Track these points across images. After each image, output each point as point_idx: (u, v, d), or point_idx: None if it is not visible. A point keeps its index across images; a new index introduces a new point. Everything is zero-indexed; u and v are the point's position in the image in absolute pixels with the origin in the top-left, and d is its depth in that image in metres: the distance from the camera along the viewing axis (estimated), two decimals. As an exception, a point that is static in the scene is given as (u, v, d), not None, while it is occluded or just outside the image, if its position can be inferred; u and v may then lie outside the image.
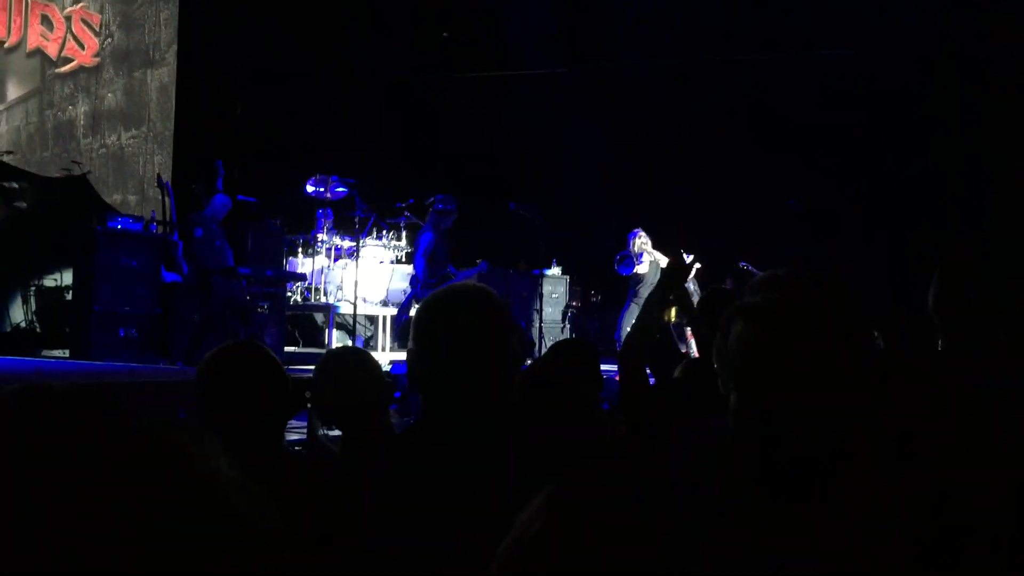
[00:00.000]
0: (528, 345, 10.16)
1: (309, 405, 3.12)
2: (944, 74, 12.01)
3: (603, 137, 13.99)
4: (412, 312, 10.61)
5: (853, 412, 1.35)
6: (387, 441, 2.72)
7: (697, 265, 9.26)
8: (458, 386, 1.83)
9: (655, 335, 3.18)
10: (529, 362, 5.06)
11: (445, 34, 14.35)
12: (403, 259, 11.70)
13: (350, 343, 11.14)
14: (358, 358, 3.22)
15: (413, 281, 9.98)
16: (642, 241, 10.65)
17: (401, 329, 10.23)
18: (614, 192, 13.25)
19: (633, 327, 3.27)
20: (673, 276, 3.18)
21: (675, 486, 2.21)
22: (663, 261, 10.64)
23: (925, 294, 2.47)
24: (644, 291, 10.42)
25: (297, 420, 4.87)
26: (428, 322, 1.90)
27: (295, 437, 5.07)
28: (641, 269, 10.57)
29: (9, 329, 10.51)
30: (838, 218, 12.55)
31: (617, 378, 3.22)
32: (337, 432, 3.78)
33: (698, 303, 3.82)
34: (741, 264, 11.54)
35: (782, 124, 13.17)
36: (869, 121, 12.69)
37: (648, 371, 3.17)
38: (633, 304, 10.39)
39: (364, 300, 10.59)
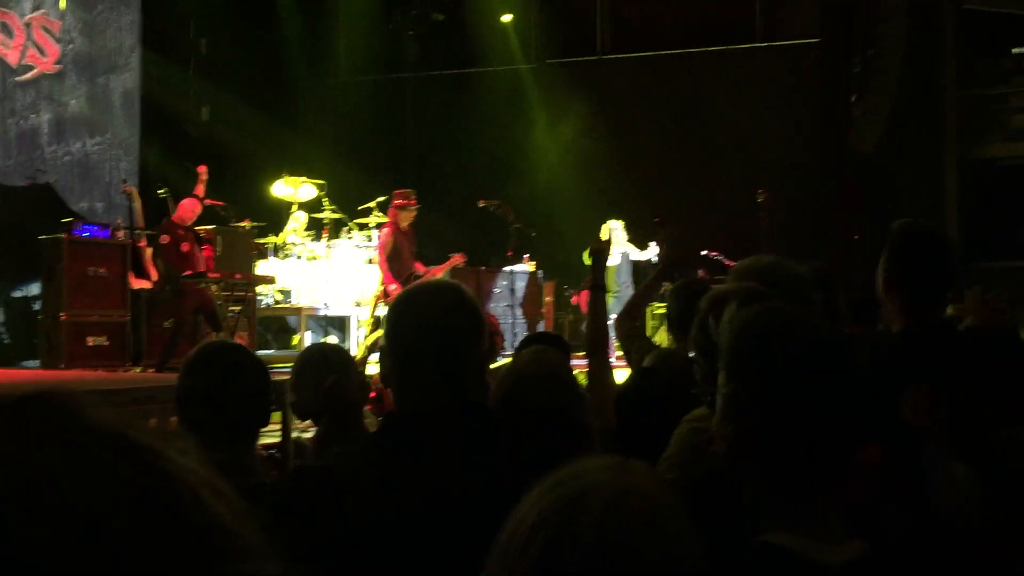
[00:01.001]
0: (501, 341, 10.12)
1: (288, 404, 3.11)
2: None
3: (570, 130, 14.03)
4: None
5: (844, 399, 1.36)
6: (362, 439, 2.73)
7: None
8: (430, 383, 1.83)
9: (605, 317, 3.28)
10: (506, 357, 5.05)
11: (441, 17, 14.25)
12: (374, 260, 11.66)
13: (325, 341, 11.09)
14: (336, 355, 3.23)
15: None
16: (613, 233, 10.67)
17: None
18: (584, 183, 13.30)
19: (592, 318, 3.32)
20: (601, 259, 3.34)
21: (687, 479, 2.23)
22: (633, 253, 10.69)
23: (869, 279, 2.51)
24: (619, 282, 10.46)
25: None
26: (400, 319, 1.90)
27: (268, 441, 5.05)
28: (612, 261, 10.57)
29: (-23, 340, 10.42)
30: (802, 207, 12.65)
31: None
32: (309, 434, 3.77)
33: (671, 294, 3.83)
34: (711, 254, 11.63)
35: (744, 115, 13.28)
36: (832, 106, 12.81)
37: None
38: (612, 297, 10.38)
39: (330, 303, 10.57)
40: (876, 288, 2.53)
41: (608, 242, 3.49)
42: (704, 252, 11.85)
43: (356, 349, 10.88)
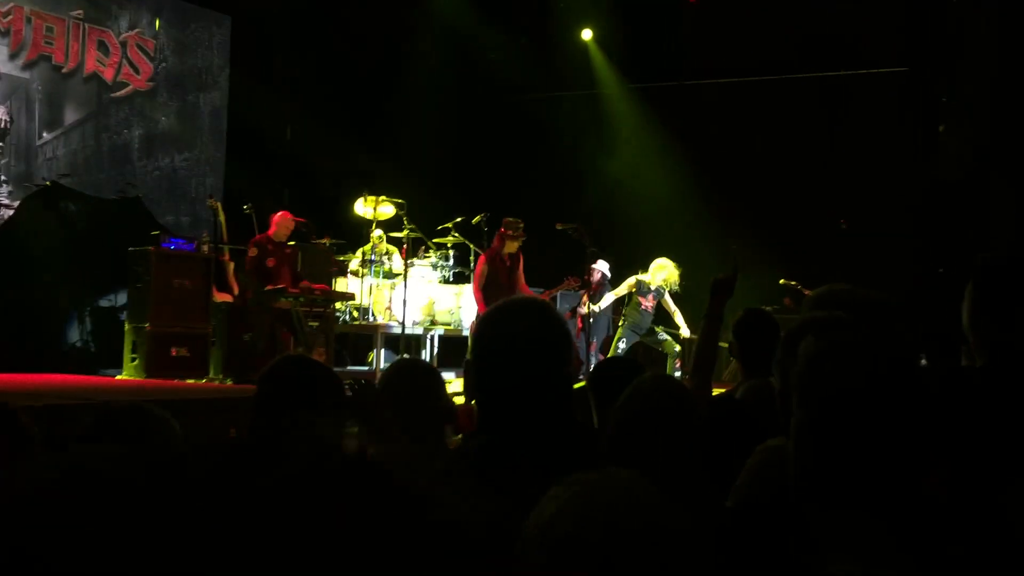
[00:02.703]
0: (579, 363, 10.11)
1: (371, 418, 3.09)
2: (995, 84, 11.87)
3: (649, 155, 13.99)
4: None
5: (914, 430, 1.34)
6: (446, 457, 2.73)
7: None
8: (519, 396, 1.82)
9: (715, 345, 3.38)
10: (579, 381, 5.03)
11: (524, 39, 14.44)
12: (451, 279, 11.76)
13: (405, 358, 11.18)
14: (426, 370, 3.20)
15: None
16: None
17: None
18: (664, 209, 13.24)
19: (702, 346, 3.45)
20: (723, 287, 3.49)
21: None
22: (620, 290, 10.80)
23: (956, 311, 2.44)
24: (628, 318, 10.60)
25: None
26: (486, 334, 1.90)
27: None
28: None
29: (66, 348, 10.72)
30: (883, 236, 12.41)
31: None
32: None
33: (737, 326, 3.91)
34: (791, 283, 11.51)
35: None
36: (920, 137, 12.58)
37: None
38: (628, 330, 10.58)
39: (413, 322, 10.66)
40: (961, 322, 2.47)
41: (735, 276, 3.57)
42: (783, 281, 11.72)
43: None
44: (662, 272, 10.52)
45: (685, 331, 10.69)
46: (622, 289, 10.76)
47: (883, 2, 12.51)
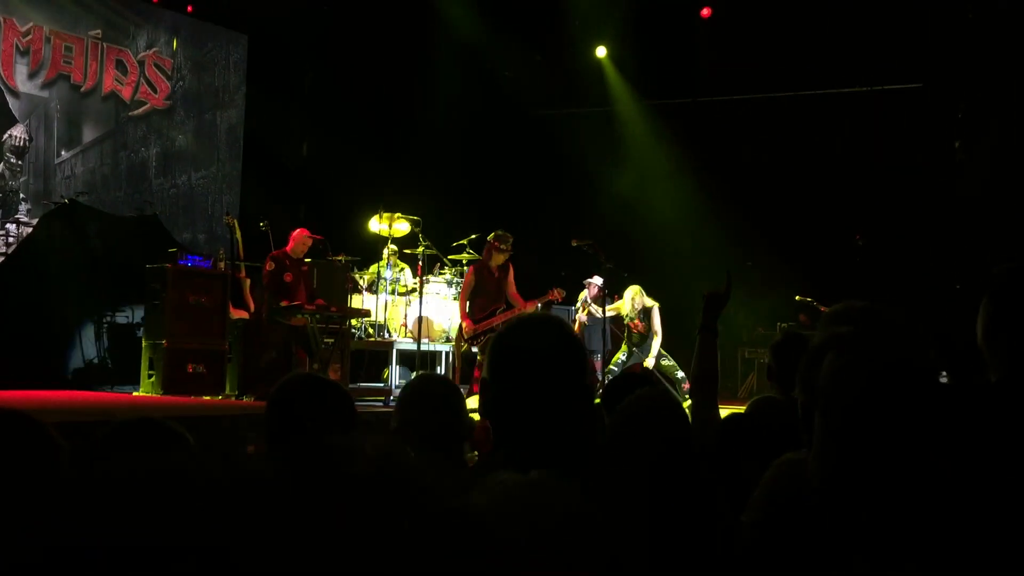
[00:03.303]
0: (596, 381, 10.12)
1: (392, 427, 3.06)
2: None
3: (663, 171, 14.00)
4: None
5: (935, 445, 1.35)
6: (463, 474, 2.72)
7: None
8: (538, 413, 1.82)
9: (716, 360, 3.36)
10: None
11: (539, 58, 14.52)
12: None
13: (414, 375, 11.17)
14: (446, 385, 3.17)
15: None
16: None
17: None
18: (678, 225, 13.24)
19: (698, 359, 3.38)
20: (714, 304, 3.42)
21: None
22: (596, 311, 10.86)
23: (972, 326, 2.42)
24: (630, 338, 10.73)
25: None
26: (502, 351, 1.89)
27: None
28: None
29: (83, 364, 10.77)
30: (899, 252, 12.38)
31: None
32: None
33: (774, 347, 3.83)
34: (806, 299, 11.49)
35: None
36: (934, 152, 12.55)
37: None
38: (630, 348, 10.87)
39: (422, 339, 10.67)
40: (976, 337, 2.45)
41: (727, 294, 3.53)
42: (798, 297, 11.70)
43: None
44: (627, 303, 10.78)
45: (649, 361, 10.70)
46: (609, 312, 10.81)
47: (899, 18, 12.50)
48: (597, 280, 11.48)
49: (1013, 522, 1.89)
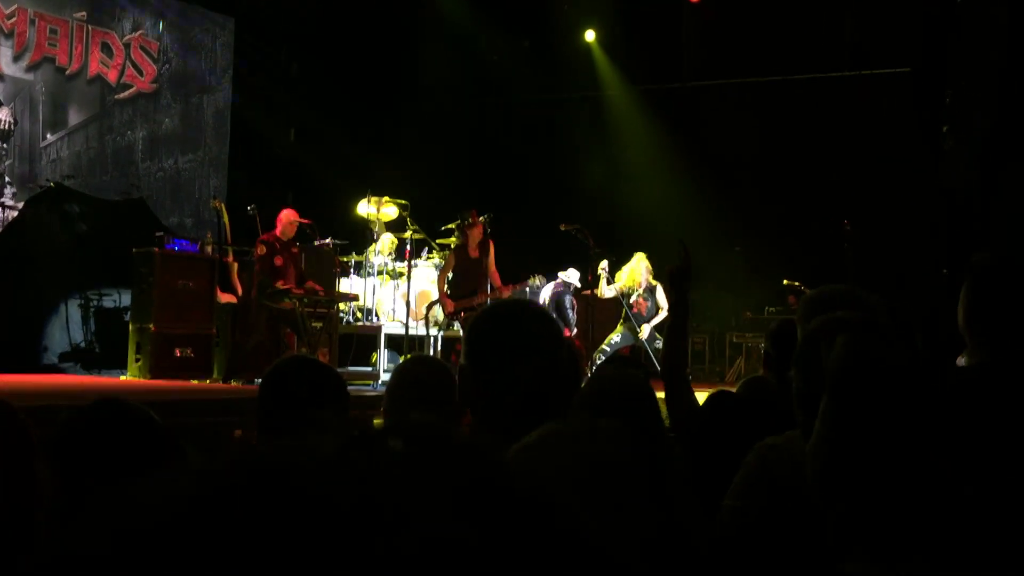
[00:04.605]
0: (581, 360, 10.11)
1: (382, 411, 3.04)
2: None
3: (653, 156, 14.01)
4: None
5: (930, 427, 1.37)
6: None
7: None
8: (511, 400, 1.83)
9: (684, 337, 3.37)
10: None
11: (527, 43, 14.49)
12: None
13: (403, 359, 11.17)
14: (437, 366, 3.13)
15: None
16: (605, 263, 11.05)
17: None
18: (667, 210, 13.25)
19: (668, 338, 3.41)
20: (678, 278, 3.41)
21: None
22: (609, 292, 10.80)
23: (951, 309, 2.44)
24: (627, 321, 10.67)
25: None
26: (479, 336, 1.90)
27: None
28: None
29: (69, 348, 10.74)
30: (887, 237, 12.41)
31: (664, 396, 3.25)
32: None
33: (770, 336, 3.82)
34: (794, 283, 11.52)
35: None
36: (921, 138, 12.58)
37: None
38: (625, 329, 10.67)
39: (410, 322, 10.66)
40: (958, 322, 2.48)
41: (688, 264, 3.51)
42: (786, 281, 11.73)
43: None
44: (641, 274, 10.63)
45: (646, 329, 10.62)
46: (609, 292, 10.74)
47: (887, 2, 12.50)
48: (572, 275, 11.43)
49: (995, 504, 1.90)
